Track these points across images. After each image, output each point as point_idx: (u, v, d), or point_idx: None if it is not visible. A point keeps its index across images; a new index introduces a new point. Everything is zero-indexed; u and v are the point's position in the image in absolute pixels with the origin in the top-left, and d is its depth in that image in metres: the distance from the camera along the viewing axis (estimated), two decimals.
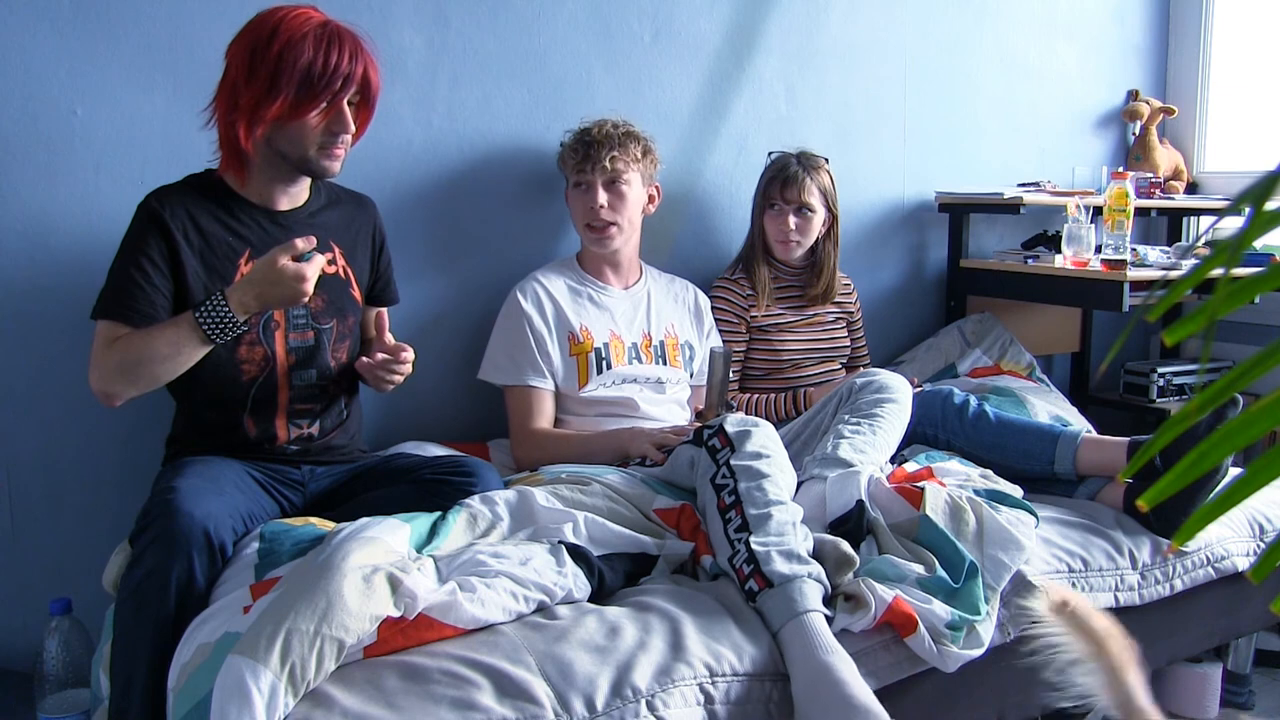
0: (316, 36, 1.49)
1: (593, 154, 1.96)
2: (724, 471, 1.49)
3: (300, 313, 1.62)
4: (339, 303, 1.68)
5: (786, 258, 2.26)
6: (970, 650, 1.40)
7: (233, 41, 1.53)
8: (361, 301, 1.74)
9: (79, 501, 1.79)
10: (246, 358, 1.58)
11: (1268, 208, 0.52)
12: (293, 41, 1.47)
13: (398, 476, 1.64)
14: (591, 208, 1.97)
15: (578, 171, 1.99)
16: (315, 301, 1.63)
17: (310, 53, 1.48)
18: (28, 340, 1.73)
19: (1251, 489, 0.55)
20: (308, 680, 1.13)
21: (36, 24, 1.68)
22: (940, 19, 2.66)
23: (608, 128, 1.98)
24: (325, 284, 1.65)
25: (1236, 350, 2.87)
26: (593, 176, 1.97)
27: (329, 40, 1.49)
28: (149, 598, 1.31)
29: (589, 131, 1.98)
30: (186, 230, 1.53)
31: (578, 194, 2.01)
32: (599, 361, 1.98)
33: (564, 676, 1.20)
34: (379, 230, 1.78)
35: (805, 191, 2.17)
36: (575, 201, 2.02)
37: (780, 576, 1.36)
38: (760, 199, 2.25)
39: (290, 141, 1.53)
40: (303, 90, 1.49)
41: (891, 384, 1.84)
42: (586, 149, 1.96)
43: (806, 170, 2.19)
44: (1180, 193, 2.94)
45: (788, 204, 2.19)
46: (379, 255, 1.78)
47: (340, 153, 1.58)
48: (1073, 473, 1.88)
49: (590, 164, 1.96)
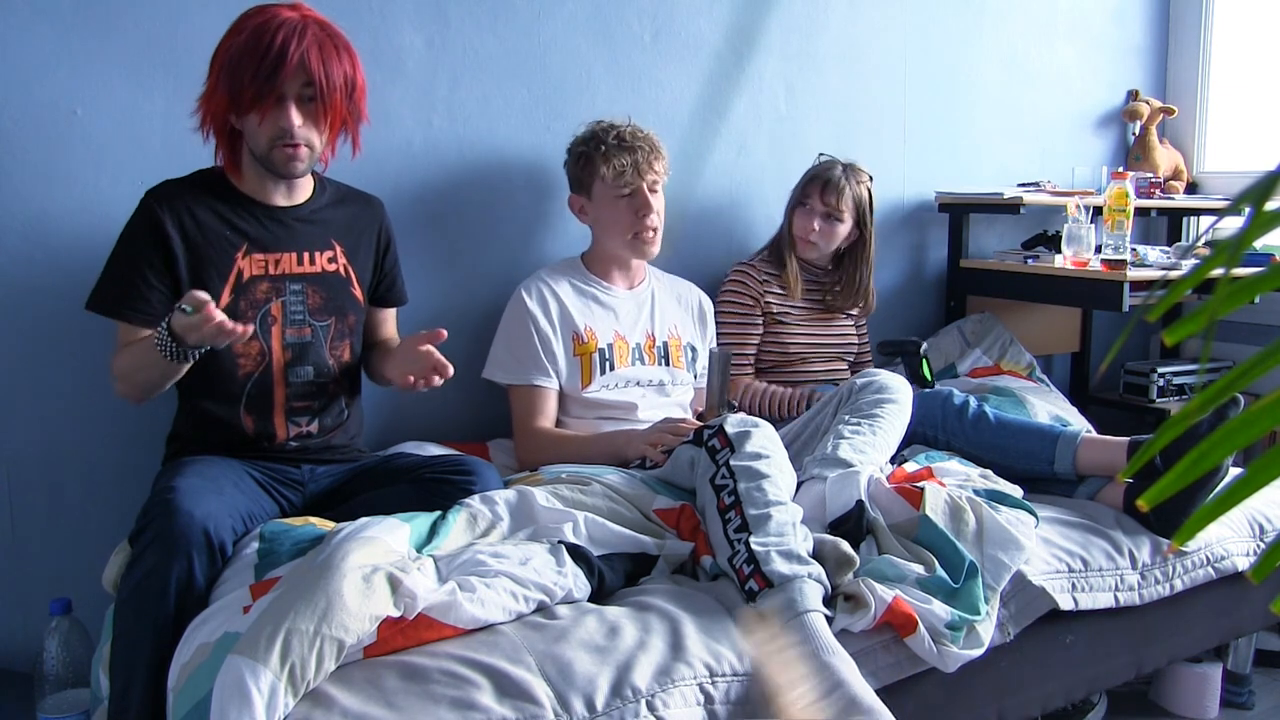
0: (263, 27, 1.44)
1: (640, 159, 1.93)
2: (724, 472, 1.49)
3: (297, 309, 1.62)
4: (338, 301, 1.67)
5: (805, 256, 2.28)
6: (970, 650, 1.40)
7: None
8: (364, 301, 1.74)
9: (79, 501, 1.79)
10: (243, 352, 1.58)
11: (1268, 208, 0.52)
12: (240, 31, 1.46)
13: (397, 476, 1.64)
14: (645, 217, 1.95)
15: (622, 178, 1.93)
16: (313, 298, 1.63)
17: (249, 41, 1.44)
18: (28, 340, 1.73)
19: (1251, 489, 0.55)
20: (308, 680, 1.13)
21: (36, 24, 1.68)
22: (940, 19, 2.66)
23: (638, 131, 1.95)
24: (324, 282, 1.65)
25: (1236, 350, 2.87)
26: (641, 181, 1.94)
27: (276, 30, 1.44)
28: (149, 597, 1.31)
29: (624, 138, 1.93)
30: (183, 223, 1.53)
31: (624, 202, 1.95)
32: (603, 362, 1.98)
33: (564, 676, 1.20)
34: (385, 230, 1.78)
35: (839, 199, 2.20)
36: (619, 209, 1.96)
37: (780, 577, 1.36)
38: (796, 193, 2.27)
39: (250, 137, 1.54)
40: (236, 81, 1.45)
41: (891, 384, 1.84)
42: (633, 155, 1.92)
43: (847, 178, 2.22)
44: (1180, 193, 2.94)
45: (818, 205, 2.22)
46: (384, 255, 1.77)
47: (295, 152, 1.53)
48: (1072, 473, 1.88)
49: (638, 171, 1.93)
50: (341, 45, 1.53)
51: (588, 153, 1.96)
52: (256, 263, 1.58)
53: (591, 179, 1.96)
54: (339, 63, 1.51)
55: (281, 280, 1.61)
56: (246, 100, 1.47)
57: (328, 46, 1.50)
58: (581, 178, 1.99)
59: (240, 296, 1.57)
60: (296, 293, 1.62)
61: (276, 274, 1.60)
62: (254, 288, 1.58)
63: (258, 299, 1.59)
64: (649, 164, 1.94)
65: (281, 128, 1.50)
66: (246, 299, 1.58)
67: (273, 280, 1.60)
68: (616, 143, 1.93)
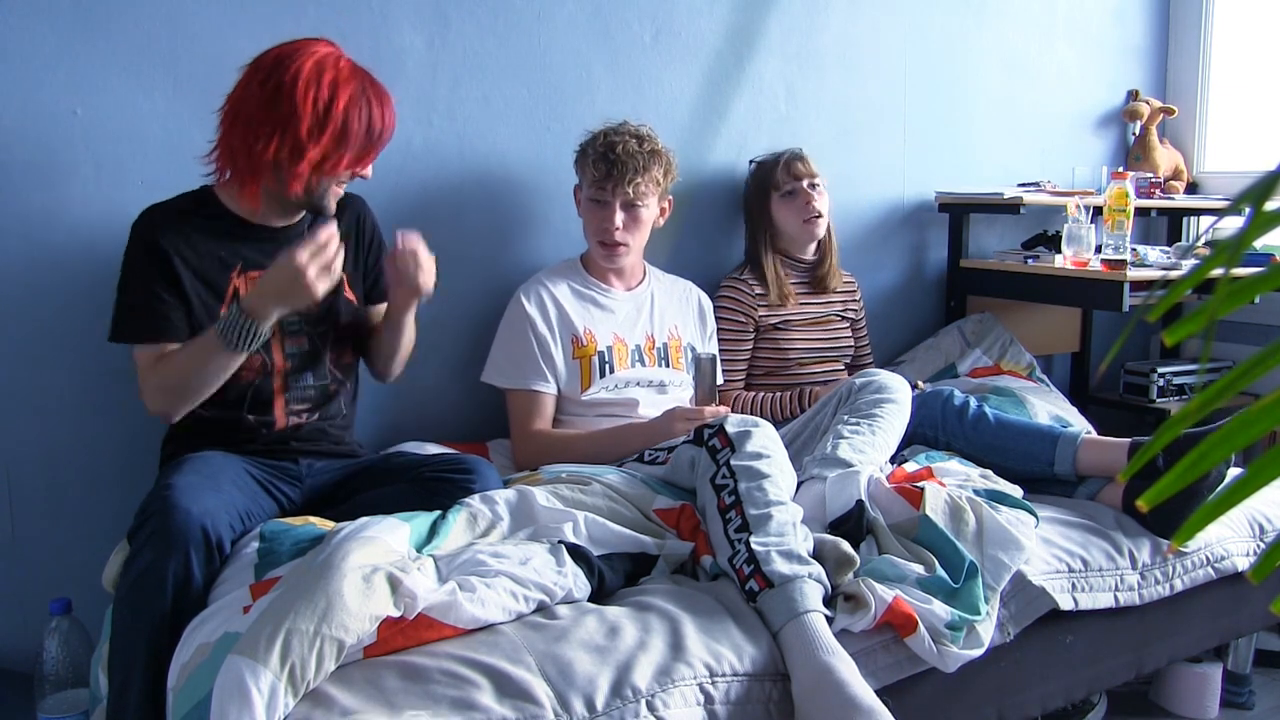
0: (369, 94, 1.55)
1: (615, 174, 1.92)
2: (724, 472, 1.49)
3: (294, 320, 1.63)
4: (333, 307, 1.69)
5: (814, 237, 2.26)
6: (970, 650, 1.40)
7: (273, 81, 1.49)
8: (359, 301, 1.75)
9: (79, 501, 1.79)
10: (245, 365, 1.59)
11: (1268, 208, 0.52)
12: (354, 100, 1.52)
13: (396, 475, 1.64)
14: (606, 227, 1.96)
15: (597, 188, 1.95)
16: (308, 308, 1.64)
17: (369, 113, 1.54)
18: (28, 340, 1.73)
19: (1251, 489, 0.55)
20: (307, 680, 1.13)
21: (36, 24, 1.68)
22: (940, 19, 2.66)
23: (632, 146, 1.92)
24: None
25: (1236, 350, 2.87)
26: (612, 197, 1.94)
27: (380, 101, 1.57)
28: (146, 594, 1.31)
29: (614, 148, 1.92)
30: (179, 248, 1.55)
31: (594, 208, 1.98)
32: (602, 365, 1.98)
33: (564, 676, 1.20)
34: (366, 224, 1.78)
35: (809, 163, 2.22)
36: (590, 214, 1.99)
37: (780, 577, 1.36)
38: (758, 195, 2.26)
39: (318, 183, 1.56)
40: (361, 150, 1.55)
41: (891, 384, 1.84)
42: (610, 168, 1.92)
43: (794, 152, 2.24)
44: (1180, 193, 2.94)
45: (800, 180, 2.21)
46: (370, 250, 1.78)
47: (342, 191, 1.64)
48: (1073, 473, 1.88)
49: (611, 184, 1.93)
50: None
51: (580, 151, 2.01)
52: (251, 280, 1.60)
53: (580, 177, 2.02)
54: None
55: None
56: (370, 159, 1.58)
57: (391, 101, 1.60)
58: (577, 173, 2.03)
59: None
60: None
61: None
62: None
63: None
64: (623, 180, 1.92)
65: (356, 175, 1.60)
66: None
67: None
68: (602, 151, 1.93)
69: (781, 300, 2.24)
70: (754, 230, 2.29)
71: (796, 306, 2.28)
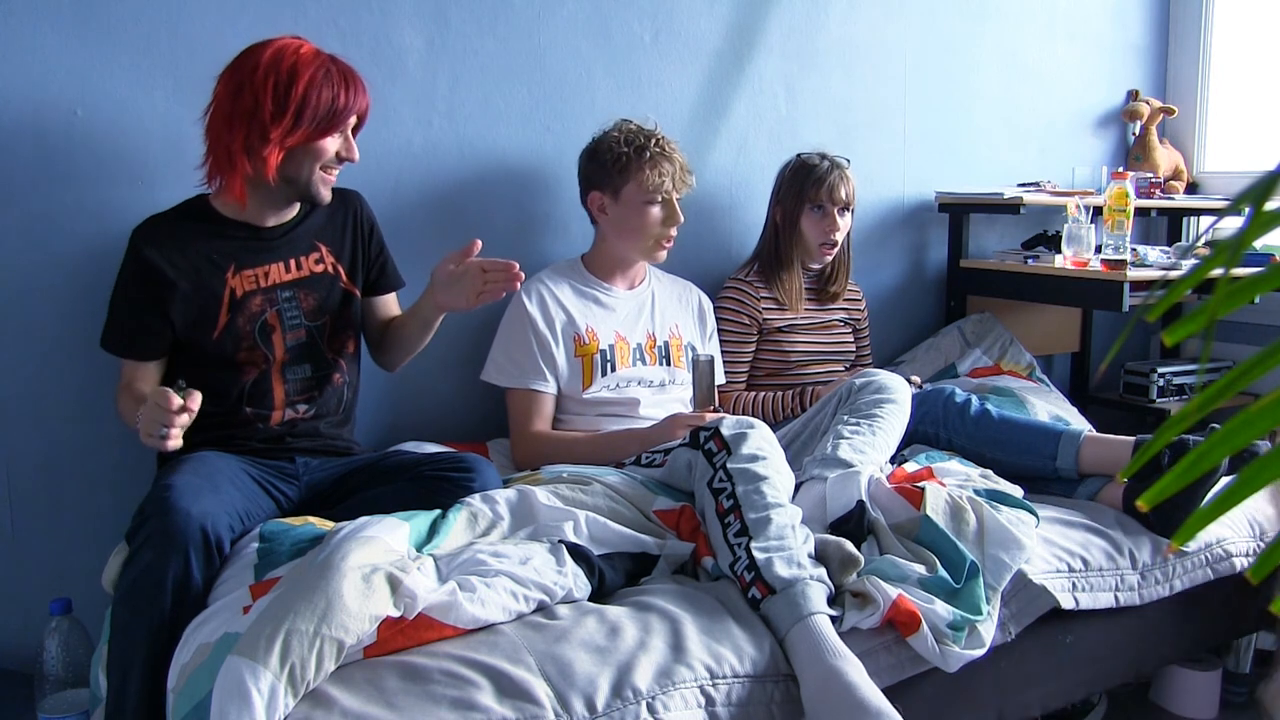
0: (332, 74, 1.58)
1: (677, 173, 1.98)
2: (721, 475, 1.49)
3: (293, 314, 1.66)
4: (331, 299, 1.71)
5: (827, 258, 2.26)
6: (972, 650, 1.40)
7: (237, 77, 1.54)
8: (358, 291, 1.77)
9: (79, 501, 1.79)
10: (246, 360, 1.63)
11: (1268, 208, 0.52)
12: (314, 80, 1.55)
13: (396, 473, 1.65)
14: (672, 227, 2.00)
15: (656, 189, 1.95)
16: (306, 301, 1.68)
17: (333, 90, 1.57)
18: (28, 340, 1.73)
19: (1252, 489, 0.55)
20: (307, 681, 1.13)
21: (37, 24, 1.68)
22: (940, 19, 2.66)
23: (673, 144, 1.99)
24: (314, 283, 1.70)
25: (1236, 350, 2.87)
26: (675, 195, 1.99)
27: (344, 79, 1.60)
28: (145, 594, 1.31)
29: (664, 148, 1.97)
30: (173, 260, 1.58)
31: (654, 210, 1.97)
32: (604, 363, 1.98)
33: (564, 677, 1.20)
34: (363, 218, 1.79)
35: (850, 192, 2.21)
36: (645, 216, 1.97)
37: (782, 582, 1.36)
38: (794, 201, 2.22)
39: (298, 166, 1.59)
40: (324, 123, 1.57)
41: (890, 384, 1.84)
42: (673, 167, 1.97)
43: (842, 170, 2.22)
44: (1180, 193, 2.94)
45: (834, 204, 2.20)
46: (368, 242, 1.79)
47: (334, 178, 1.66)
48: (1075, 470, 1.88)
49: (675, 183, 1.98)
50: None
51: (628, 155, 1.94)
52: (247, 279, 1.63)
53: (624, 181, 1.95)
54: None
55: (273, 290, 1.65)
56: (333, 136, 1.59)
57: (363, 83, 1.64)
58: (611, 178, 1.96)
59: (237, 313, 1.61)
60: (289, 299, 1.66)
61: (267, 285, 1.65)
62: (248, 302, 1.63)
63: (253, 312, 1.63)
64: (683, 177, 1.99)
65: (344, 158, 1.63)
66: (243, 314, 1.62)
67: (265, 292, 1.64)
68: (659, 150, 1.95)
69: (793, 306, 2.24)
70: (778, 232, 2.26)
71: (803, 312, 2.28)
